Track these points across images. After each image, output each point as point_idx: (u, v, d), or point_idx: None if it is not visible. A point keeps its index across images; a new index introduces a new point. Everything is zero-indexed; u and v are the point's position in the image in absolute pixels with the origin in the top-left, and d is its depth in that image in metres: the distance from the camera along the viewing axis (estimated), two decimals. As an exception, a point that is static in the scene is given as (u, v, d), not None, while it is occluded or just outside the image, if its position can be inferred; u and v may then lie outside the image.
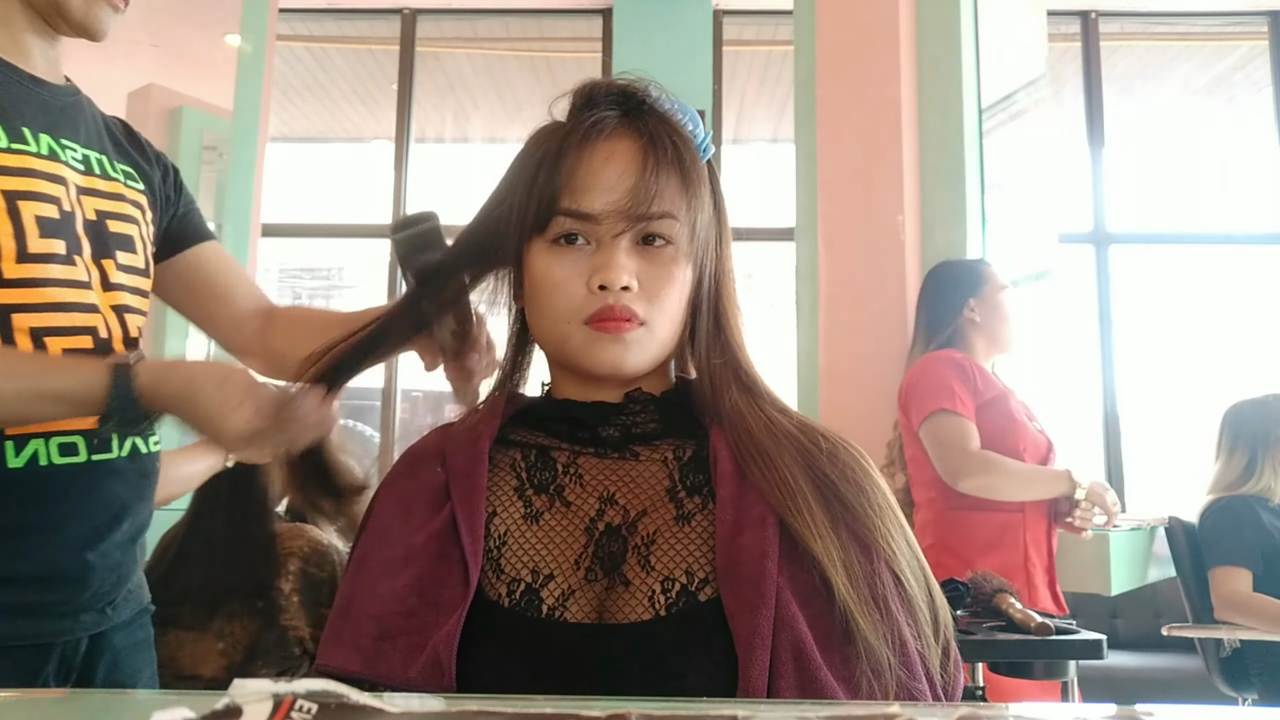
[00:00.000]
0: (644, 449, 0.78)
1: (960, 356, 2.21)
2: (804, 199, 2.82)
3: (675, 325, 0.78)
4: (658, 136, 0.77)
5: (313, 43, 4.83)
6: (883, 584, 0.69)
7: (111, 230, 1.05)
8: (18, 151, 0.97)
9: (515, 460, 0.79)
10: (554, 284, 0.76)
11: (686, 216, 0.77)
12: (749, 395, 0.78)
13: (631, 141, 0.77)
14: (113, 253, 1.05)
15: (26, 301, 0.95)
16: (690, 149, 0.79)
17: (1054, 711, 0.88)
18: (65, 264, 0.98)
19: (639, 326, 0.75)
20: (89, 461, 0.98)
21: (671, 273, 0.76)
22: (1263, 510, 2.63)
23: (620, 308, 0.74)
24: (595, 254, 0.75)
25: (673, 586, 0.70)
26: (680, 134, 0.79)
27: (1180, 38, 4.82)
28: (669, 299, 0.76)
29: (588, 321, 0.75)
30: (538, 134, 0.81)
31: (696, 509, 0.74)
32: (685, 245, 0.77)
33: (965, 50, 2.69)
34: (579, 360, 0.76)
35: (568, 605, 0.70)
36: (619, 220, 0.75)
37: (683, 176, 0.77)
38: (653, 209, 0.75)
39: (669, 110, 0.80)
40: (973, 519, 2.13)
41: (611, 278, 0.74)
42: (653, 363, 0.78)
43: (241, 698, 0.43)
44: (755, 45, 4.74)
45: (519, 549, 0.74)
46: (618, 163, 0.76)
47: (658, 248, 0.76)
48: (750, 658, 0.64)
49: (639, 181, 0.75)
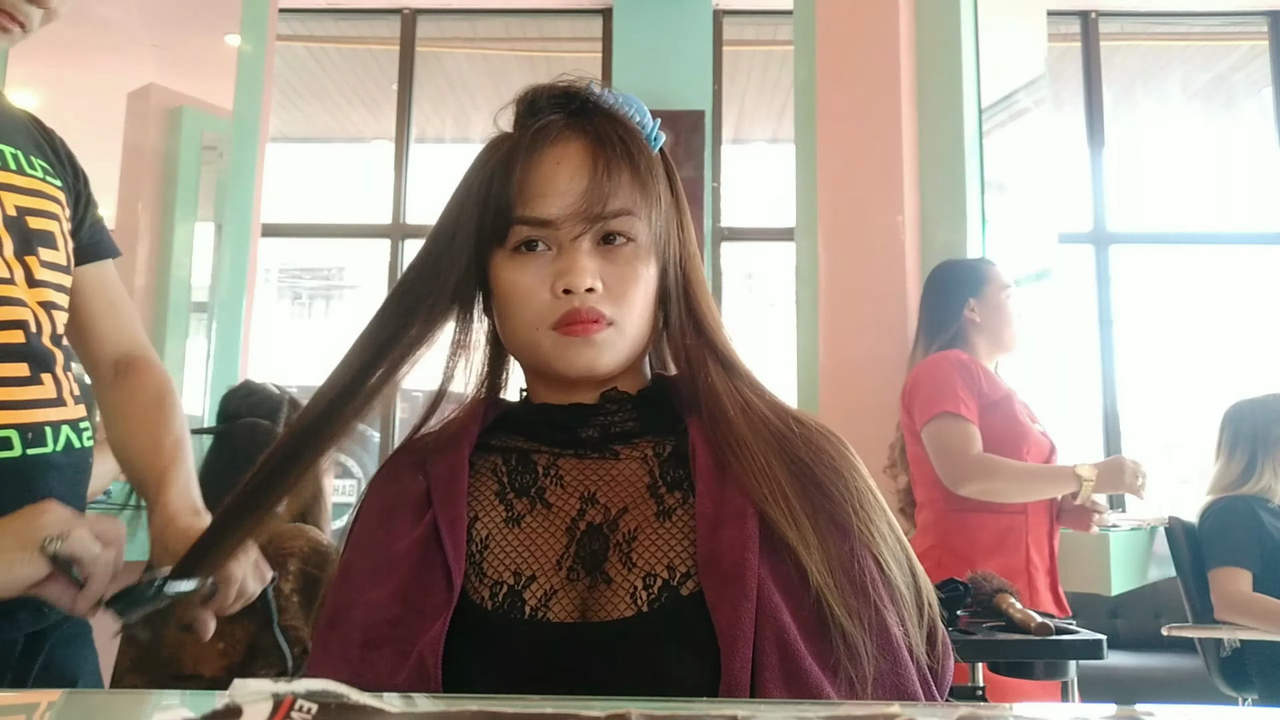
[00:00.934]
0: (623, 448, 0.79)
1: (966, 358, 2.21)
2: (804, 199, 2.82)
3: (644, 321, 0.78)
4: (605, 134, 0.78)
5: (313, 43, 4.83)
6: (862, 568, 0.69)
7: (32, 226, 1.02)
8: None
9: (496, 465, 0.80)
10: (519, 293, 0.76)
11: (643, 211, 0.77)
12: (727, 375, 0.78)
13: (580, 143, 0.77)
14: (35, 249, 1.02)
15: None
16: (639, 141, 0.79)
17: (1054, 711, 0.88)
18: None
19: (607, 327, 0.75)
20: (24, 456, 0.96)
21: (635, 270, 0.76)
22: (1263, 510, 2.63)
23: (587, 310, 0.74)
24: (557, 259, 0.75)
25: (654, 582, 0.70)
26: (627, 128, 0.79)
27: (1180, 38, 4.82)
28: (635, 296, 0.76)
29: (555, 327, 0.75)
30: (485, 147, 0.81)
31: (677, 504, 0.74)
32: (646, 240, 0.77)
33: (965, 50, 2.69)
34: (551, 365, 0.77)
35: (550, 605, 0.70)
36: (576, 223, 0.75)
37: (634, 171, 0.77)
38: (608, 208, 0.75)
39: (613, 105, 0.80)
40: (975, 521, 2.13)
41: (575, 281, 0.74)
42: (625, 361, 0.78)
43: (241, 698, 0.43)
44: (755, 45, 4.74)
45: (501, 552, 0.74)
46: (568, 165, 0.76)
47: (618, 246, 0.76)
48: (733, 650, 0.64)
49: (591, 182, 0.75)
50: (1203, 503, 2.75)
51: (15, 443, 0.96)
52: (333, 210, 6.31)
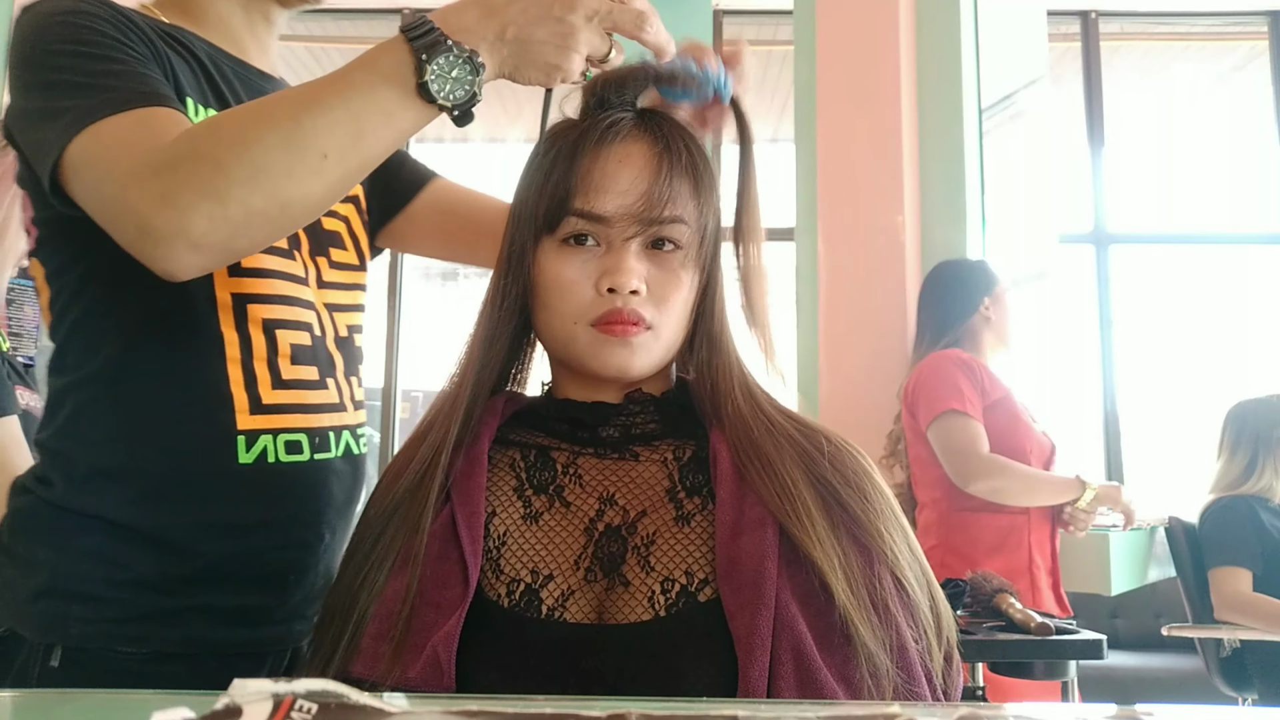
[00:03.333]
0: (644, 449, 0.78)
1: (968, 356, 2.21)
2: (804, 199, 2.82)
3: (680, 329, 0.78)
4: (672, 141, 0.78)
5: (313, 43, 4.83)
6: (883, 588, 0.70)
7: (325, 227, 1.01)
8: None
9: (515, 460, 0.79)
10: (563, 284, 0.76)
11: (697, 221, 0.77)
12: (751, 398, 0.78)
13: (647, 146, 0.77)
14: (326, 250, 1.00)
15: (259, 292, 0.90)
16: (704, 155, 0.80)
17: (1054, 711, 0.88)
18: (286, 258, 0.94)
19: (645, 330, 0.75)
20: (312, 460, 0.93)
21: (679, 277, 0.77)
22: (1263, 510, 2.64)
23: (628, 311, 0.74)
24: (605, 256, 0.75)
25: (672, 587, 0.70)
26: (693, 139, 0.80)
27: (1180, 38, 4.82)
28: (675, 303, 0.77)
29: (595, 323, 0.75)
30: (551, 132, 0.81)
31: (696, 510, 0.74)
32: (694, 250, 0.78)
33: (965, 50, 2.69)
34: (584, 361, 0.76)
35: (567, 606, 0.70)
36: (631, 224, 0.75)
37: (695, 182, 0.78)
38: (665, 213, 0.75)
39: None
40: (978, 521, 2.13)
41: (621, 281, 0.74)
42: (657, 366, 0.78)
43: (241, 698, 0.43)
44: (755, 45, 4.73)
45: (518, 549, 0.74)
46: (632, 166, 0.76)
47: (667, 252, 0.77)
48: (750, 658, 0.64)
49: (653, 186, 0.75)
50: (1203, 502, 2.75)
51: (305, 446, 0.93)
52: (333, 210, 6.31)
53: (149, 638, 0.84)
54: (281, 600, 0.93)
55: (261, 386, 0.89)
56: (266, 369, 0.90)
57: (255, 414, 0.89)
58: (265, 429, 0.89)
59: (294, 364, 0.92)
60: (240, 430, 0.88)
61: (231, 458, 0.87)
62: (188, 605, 0.86)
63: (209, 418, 0.86)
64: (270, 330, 0.90)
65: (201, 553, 0.86)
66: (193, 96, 0.87)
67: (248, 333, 0.89)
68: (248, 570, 0.89)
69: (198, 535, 0.85)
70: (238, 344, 0.88)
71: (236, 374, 0.88)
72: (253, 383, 0.89)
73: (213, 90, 0.91)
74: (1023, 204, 2.94)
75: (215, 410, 0.87)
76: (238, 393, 0.88)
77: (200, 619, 0.86)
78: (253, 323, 0.89)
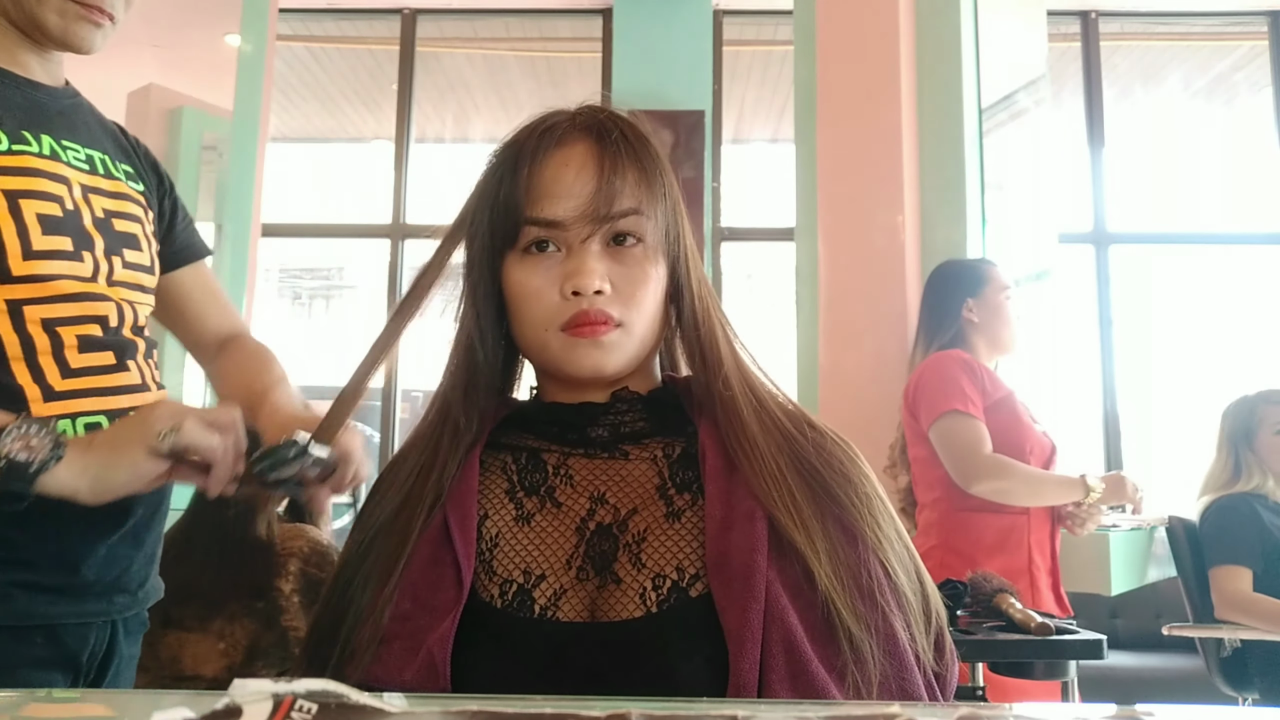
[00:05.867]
0: (633, 448, 0.79)
1: (968, 356, 2.21)
2: (804, 199, 2.82)
3: (653, 321, 0.78)
4: (607, 132, 0.78)
5: (313, 43, 4.83)
6: (869, 574, 0.70)
7: (117, 229, 1.07)
8: (18, 153, 0.99)
9: (506, 463, 0.80)
10: (529, 293, 0.76)
11: (651, 210, 0.77)
12: (741, 377, 0.79)
13: (585, 143, 0.77)
14: (120, 250, 1.07)
15: (35, 295, 0.97)
16: (644, 140, 0.79)
17: (1054, 711, 0.88)
18: (72, 259, 1.01)
19: (615, 328, 0.75)
20: None
21: (644, 270, 0.77)
22: (1263, 509, 2.63)
23: (595, 311, 0.74)
24: (566, 260, 0.76)
25: (664, 583, 0.70)
26: (632, 127, 0.79)
27: (1180, 38, 4.82)
28: (644, 297, 0.77)
29: (564, 328, 0.75)
30: (494, 153, 0.82)
31: (686, 505, 0.74)
32: (654, 239, 0.77)
33: (965, 50, 2.69)
34: (560, 366, 0.77)
35: (560, 605, 0.71)
36: (585, 224, 0.75)
37: (641, 171, 0.77)
38: (615, 209, 0.75)
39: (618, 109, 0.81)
40: (978, 521, 2.13)
41: (583, 283, 0.74)
42: (633, 362, 0.78)
43: (241, 698, 0.43)
44: (755, 45, 4.74)
45: (511, 550, 0.74)
46: (575, 166, 0.76)
47: (628, 247, 0.77)
48: (741, 651, 0.64)
49: (598, 183, 0.75)
50: (1202, 502, 2.75)
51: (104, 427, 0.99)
52: (333, 210, 6.30)
53: None
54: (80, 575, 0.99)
55: (50, 378, 0.97)
56: (53, 361, 0.97)
57: (50, 401, 0.96)
58: (63, 414, 0.96)
59: (82, 353, 0.99)
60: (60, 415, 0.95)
61: None
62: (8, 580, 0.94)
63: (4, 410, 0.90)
64: (51, 328, 0.98)
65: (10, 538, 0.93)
66: None
67: (27, 332, 0.96)
68: (59, 549, 0.97)
69: (7, 521, 0.90)
70: (18, 344, 0.96)
71: (22, 370, 0.95)
72: (40, 376, 0.96)
73: None
74: (1023, 204, 2.94)
75: (8, 404, 0.92)
76: (27, 385, 0.96)
77: (21, 593, 0.95)
78: (31, 323, 0.97)
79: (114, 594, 1.03)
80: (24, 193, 0.98)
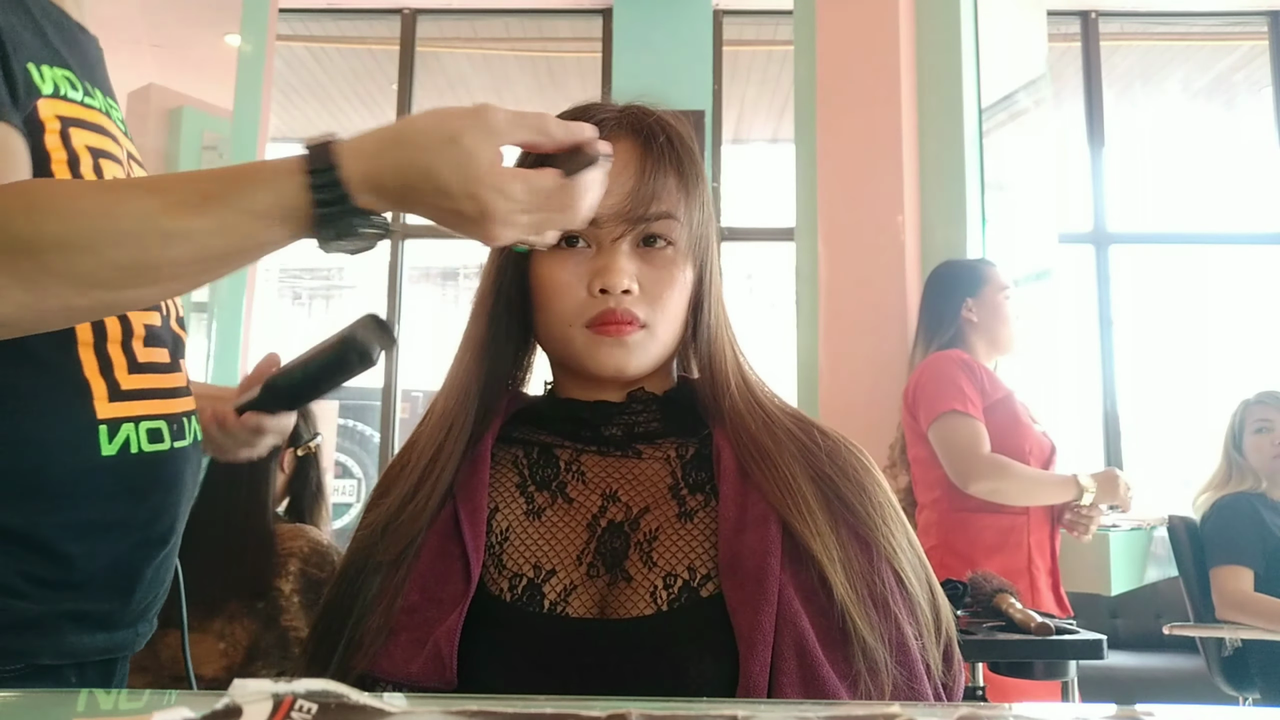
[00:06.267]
0: (647, 447, 0.79)
1: (967, 357, 2.21)
2: (804, 199, 2.82)
3: (676, 326, 0.78)
4: (653, 135, 0.77)
5: (313, 43, 4.83)
6: (883, 583, 0.70)
7: None
8: (90, 106, 0.85)
9: (517, 457, 0.80)
10: (556, 287, 0.76)
11: (686, 216, 0.77)
12: (750, 392, 0.79)
13: (629, 142, 0.77)
14: None
15: None
16: (687, 146, 0.79)
17: (1054, 711, 0.88)
18: None
19: (640, 329, 0.75)
20: (172, 449, 0.87)
21: (672, 274, 0.76)
22: (1264, 509, 2.64)
23: (621, 311, 0.74)
24: (596, 257, 0.76)
25: (675, 582, 0.70)
26: (675, 131, 0.79)
27: (1180, 38, 4.82)
28: (670, 301, 0.76)
29: (589, 325, 0.75)
30: None
31: (699, 506, 0.74)
32: (685, 245, 0.77)
33: (965, 50, 2.69)
34: (582, 363, 0.76)
35: (569, 600, 0.71)
36: (619, 223, 0.75)
37: (680, 175, 0.77)
38: (651, 210, 0.75)
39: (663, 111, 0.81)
40: (978, 521, 2.13)
41: (612, 281, 0.74)
42: (654, 364, 0.78)
43: (242, 698, 0.43)
44: (755, 45, 4.74)
45: (521, 545, 0.74)
46: (616, 164, 0.75)
47: (658, 249, 0.76)
48: (752, 653, 0.64)
49: (638, 183, 0.75)
50: (1202, 501, 2.75)
51: (165, 434, 0.86)
52: (333, 210, 6.28)
53: (24, 651, 0.78)
54: (134, 602, 0.87)
55: (118, 371, 0.82)
56: (121, 352, 0.83)
57: (115, 401, 0.82)
58: (126, 417, 0.83)
59: (147, 346, 0.85)
60: (101, 420, 0.81)
61: (95, 449, 0.80)
62: (58, 611, 0.79)
63: (67, 408, 0.79)
64: (125, 318, 0.84)
65: (68, 554, 0.79)
66: (34, 59, 0.79)
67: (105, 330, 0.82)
68: (110, 571, 0.83)
69: (64, 535, 0.79)
70: (89, 327, 0.81)
71: (90, 359, 0.80)
72: (109, 368, 0.82)
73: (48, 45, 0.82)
74: (1023, 204, 2.94)
75: (73, 399, 0.79)
76: (94, 379, 0.81)
77: (71, 625, 0.81)
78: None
79: (139, 622, 0.89)
80: (104, 153, 0.83)
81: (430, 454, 0.77)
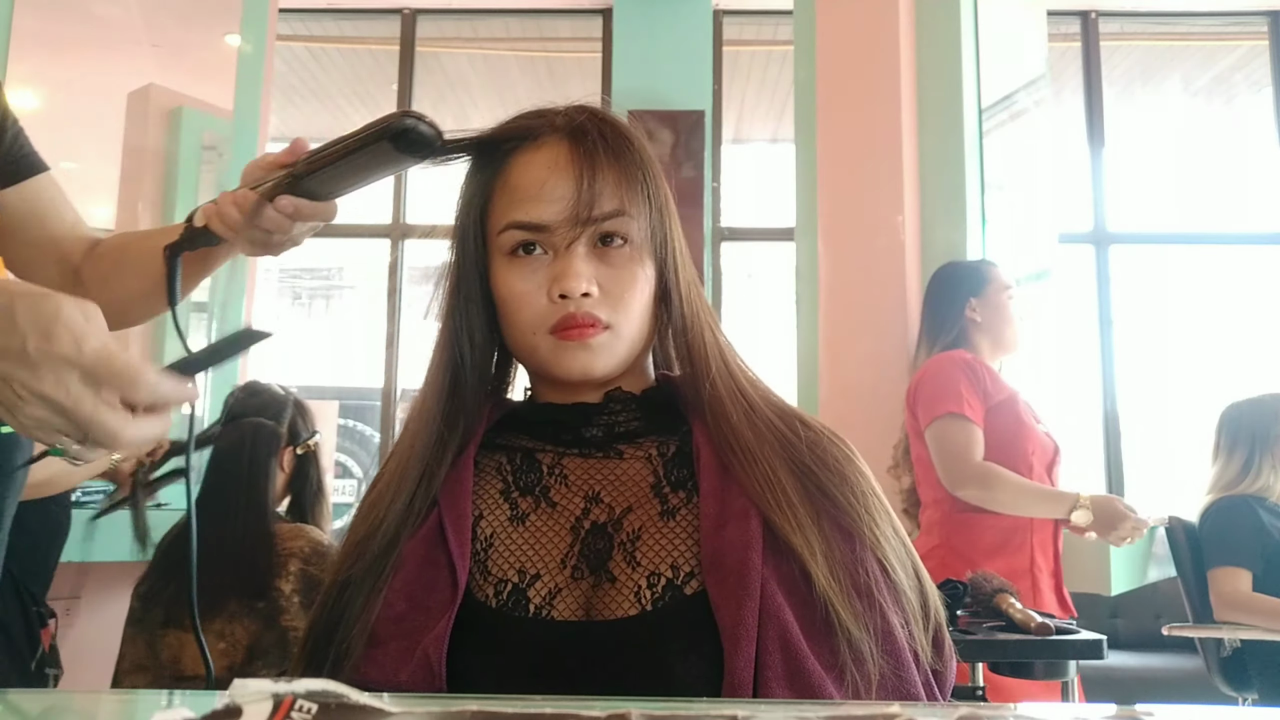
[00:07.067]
0: (628, 447, 0.79)
1: (970, 358, 2.21)
2: (804, 199, 2.82)
3: (642, 322, 0.78)
4: (583, 133, 0.77)
5: (313, 43, 4.83)
6: (866, 572, 0.70)
7: None
8: None
9: (501, 464, 0.80)
10: (516, 297, 0.76)
11: (635, 209, 0.76)
12: (732, 378, 0.78)
13: (563, 145, 0.77)
14: None
15: None
16: (623, 137, 0.78)
17: (1054, 711, 0.88)
18: None
19: (604, 330, 0.75)
20: None
21: (632, 272, 0.76)
22: (1263, 510, 2.64)
23: (582, 315, 0.74)
24: (553, 263, 0.76)
25: (658, 581, 0.70)
26: (610, 126, 0.78)
27: (1180, 38, 4.82)
28: (632, 299, 0.76)
29: (552, 331, 0.75)
30: (473, 151, 0.81)
31: (681, 504, 0.74)
32: (641, 239, 0.77)
33: (965, 50, 2.69)
34: (549, 369, 0.77)
35: (555, 604, 0.71)
36: (569, 227, 0.75)
37: (621, 170, 0.76)
38: (597, 211, 0.75)
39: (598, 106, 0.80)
40: (979, 521, 2.13)
41: (569, 286, 0.74)
42: (623, 364, 0.78)
43: (242, 698, 0.43)
44: (755, 45, 4.74)
45: (505, 550, 0.74)
46: (555, 168, 0.75)
47: (615, 248, 0.76)
48: (736, 649, 0.64)
49: (577, 185, 0.75)
50: (1202, 503, 2.75)
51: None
52: (332, 210, 6.28)
53: None
54: None
55: None
56: None
57: None
58: None
59: None
60: None
61: None
62: None
63: None
64: None
65: None
66: None
67: None
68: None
69: None
70: None
71: None
72: None
73: None
74: (1023, 204, 2.94)
75: None
76: None
77: None
78: None
79: None
80: None
81: (414, 462, 0.77)
